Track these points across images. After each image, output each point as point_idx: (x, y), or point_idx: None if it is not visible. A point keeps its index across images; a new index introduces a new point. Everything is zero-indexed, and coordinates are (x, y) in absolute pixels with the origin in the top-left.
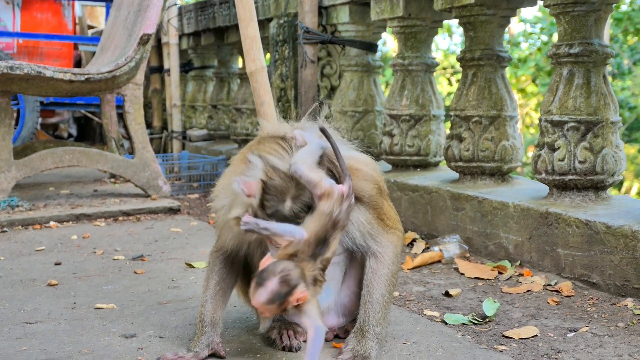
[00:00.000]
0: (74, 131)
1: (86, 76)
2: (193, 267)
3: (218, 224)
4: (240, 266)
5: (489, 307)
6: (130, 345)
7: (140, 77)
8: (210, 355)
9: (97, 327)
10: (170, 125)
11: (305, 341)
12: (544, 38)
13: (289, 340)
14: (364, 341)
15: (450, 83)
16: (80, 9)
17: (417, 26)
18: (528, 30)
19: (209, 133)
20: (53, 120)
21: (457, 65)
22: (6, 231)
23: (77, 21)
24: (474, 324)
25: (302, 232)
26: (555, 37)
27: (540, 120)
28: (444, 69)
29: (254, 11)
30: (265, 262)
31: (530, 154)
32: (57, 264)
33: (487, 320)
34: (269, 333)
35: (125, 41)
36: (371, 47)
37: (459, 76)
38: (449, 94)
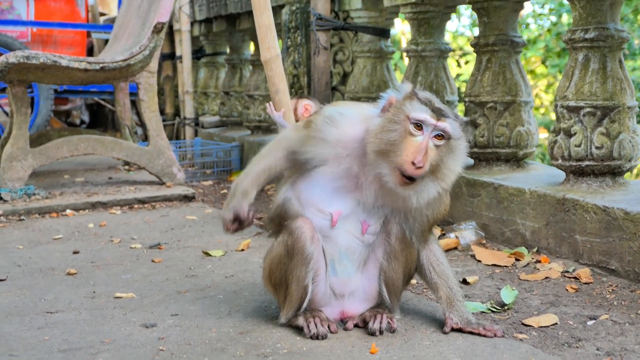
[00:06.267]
0: (86, 118)
1: (101, 65)
2: (210, 255)
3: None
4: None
5: (508, 295)
6: (151, 335)
7: (154, 65)
8: (235, 219)
9: (117, 317)
10: (183, 111)
11: (330, 327)
12: (553, 19)
13: (316, 328)
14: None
15: (459, 65)
16: None
17: (430, 12)
18: (537, 11)
19: (222, 120)
20: (66, 107)
21: (466, 47)
22: (24, 219)
23: (89, 8)
24: (493, 312)
25: None
26: (564, 18)
27: (555, 106)
28: (453, 50)
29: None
30: None
31: (542, 134)
32: (75, 252)
33: (505, 308)
34: (293, 321)
35: (139, 29)
36: (384, 33)
37: (468, 57)
38: (458, 75)
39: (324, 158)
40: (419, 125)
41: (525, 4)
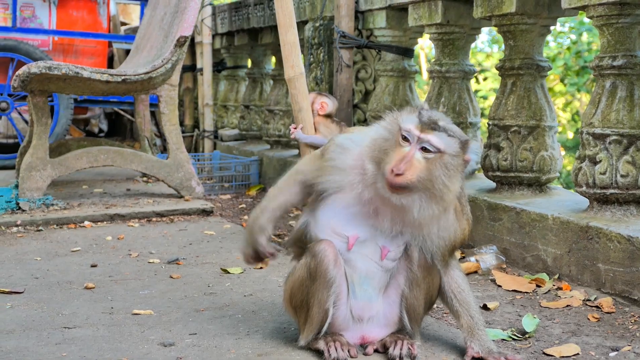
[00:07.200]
0: (104, 126)
1: (123, 77)
2: (228, 272)
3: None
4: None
5: (529, 323)
6: (169, 354)
7: (175, 78)
8: (256, 257)
9: (135, 334)
10: (202, 124)
11: (350, 352)
12: (573, 37)
13: (336, 353)
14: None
15: (477, 81)
16: (114, 6)
17: (455, 33)
18: (557, 29)
19: (241, 133)
20: (85, 116)
21: (484, 63)
22: (42, 230)
23: (110, 18)
24: (514, 339)
25: None
26: (584, 37)
27: (581, 132)
28: (476, 72)
29: (294, 17)
30: None
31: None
32: (93, 266)
33: (526, 336)
34: (313, 344)
35: (162, 42)
36: (407, 53)
37: (487, 74)
38: (476, 91)
39: (340, 185)
40: (405, 136)
41: None
